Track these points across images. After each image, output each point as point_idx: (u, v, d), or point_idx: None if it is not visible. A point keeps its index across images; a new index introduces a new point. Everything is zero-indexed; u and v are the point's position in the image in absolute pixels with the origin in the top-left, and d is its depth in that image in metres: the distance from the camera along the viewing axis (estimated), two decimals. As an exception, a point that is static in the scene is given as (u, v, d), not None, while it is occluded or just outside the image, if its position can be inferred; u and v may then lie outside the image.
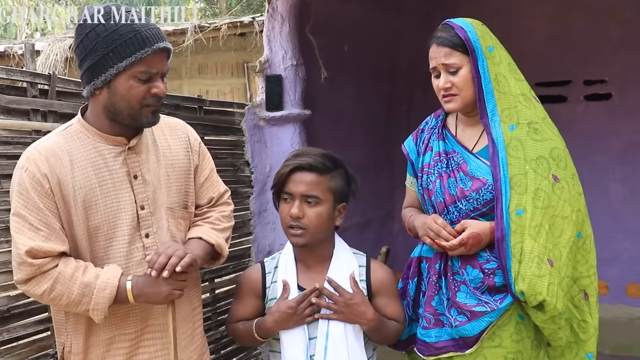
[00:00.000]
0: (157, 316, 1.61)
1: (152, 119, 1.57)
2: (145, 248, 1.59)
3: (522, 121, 1.81)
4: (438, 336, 1.85)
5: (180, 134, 1.74)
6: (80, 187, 1.52)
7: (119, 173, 1.57)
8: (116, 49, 1.46)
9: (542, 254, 1.71)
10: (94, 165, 1.54)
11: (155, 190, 1.62)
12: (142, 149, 1.62)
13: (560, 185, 1.77)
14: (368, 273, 1.89)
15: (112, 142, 1.58)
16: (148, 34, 1.48)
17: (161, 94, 1.53)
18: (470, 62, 1.79)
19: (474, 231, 1.76)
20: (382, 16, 4.25)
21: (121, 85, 1.49)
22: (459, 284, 1.83)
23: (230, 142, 2.97)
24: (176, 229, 1.66)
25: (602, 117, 4.46)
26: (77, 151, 1.54)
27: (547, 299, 1.69)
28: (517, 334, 1.80)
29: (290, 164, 1.81)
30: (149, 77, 1.51)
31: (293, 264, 1.86)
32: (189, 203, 1.73)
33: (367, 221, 4.31)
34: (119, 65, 1.47)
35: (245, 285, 1.91)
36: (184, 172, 1.70)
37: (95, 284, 1.48)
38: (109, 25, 1.47)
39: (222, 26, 6.05)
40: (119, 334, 1.58)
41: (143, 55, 1.47)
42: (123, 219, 1.57)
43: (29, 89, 2.03)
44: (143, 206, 1.60)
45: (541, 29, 4.56)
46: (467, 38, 1.78)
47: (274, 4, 3.17)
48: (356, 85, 4.08)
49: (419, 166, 1.97)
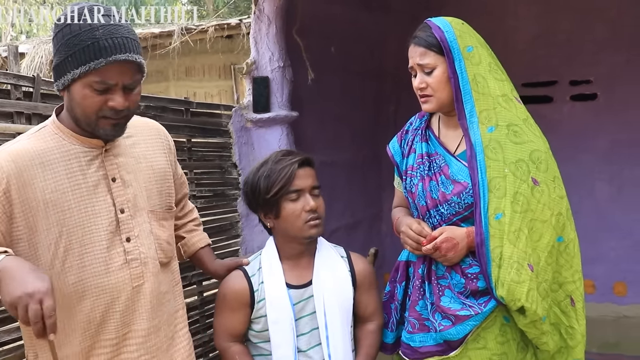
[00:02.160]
0: (140, 321, 1.57)
1: (111, 132, 1.50)
2: (127, 252, 1.53)
3: (502, 123, 1.78)
4: (422, 341, 1.85)
5: (159, 137, 1.72)
6: (51, 191, 1.46)
7: (95, 176, 1.51)
8: (74, 54, 1.41)
9: (522, 259, 1.70)
10: (67, 169, 1.48)
11: (135, 193, 1.58)
12: (121, 151, 1.58)
13: (539, 188, 1.75)
14: (351, 264, 1.94)
15: (88, 144, 1.52)
16: (108, 44, 1.40)
17: (118, 107, 1.44)
18: (446, 62, 1.77)
19: (448, 236, 1.75)
20: (370, 16, 4.26)
21: (77, 93, 1.44)
22: (443, 288, 1.82)
23: (217, 144, 2.96)
24: (160, 230, 1.64)
25: (588, 117, 4.49)
26: (50, 153, 1.48)
27: (527, 305, 1.68)
28: (502, 335, 1.80)
29: (293, 161, 1.84)
30: (106, 89, 1.43)
31: (278, 263, 1.87)
32: (172, 203, 1.72)
33: (356, 222, 4.31)
34: (74, 71, 1.41)
35: (231, 297, 1.88)
36: (163, 174, 1.68)
37: None
38: (74, 27, 1.41)
39: (209, 28, 6.03)
40: (99, 339, 1.53)
41: (97, 66, 1.39)
42: (99, 223, 1.50)
43: (12, 91, 2.00)
44: (123, 209, 1.54)
45: (527, 29, 4.58)
46: (443, 38, 1.76)
47: (261, 6, 3.17)
48: (343, 86, 4.08)
49: (404, 169, 1.96)
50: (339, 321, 1.83)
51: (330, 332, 1.81)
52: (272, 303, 1.81)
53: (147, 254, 1.58)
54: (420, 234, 1.80)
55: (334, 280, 1.87)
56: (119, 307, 1.52)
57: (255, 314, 1.85)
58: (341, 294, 1.87)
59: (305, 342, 1.84)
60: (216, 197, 2.87)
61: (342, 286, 1.89)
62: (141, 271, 1.56)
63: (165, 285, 1.65)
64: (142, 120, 1.72)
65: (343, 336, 1.84)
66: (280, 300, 1.81)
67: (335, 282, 1.87)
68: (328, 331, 1.81)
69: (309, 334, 1.85)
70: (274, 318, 1.80)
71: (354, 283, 1.91)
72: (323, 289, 1.84)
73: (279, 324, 1.80)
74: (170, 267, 1.70)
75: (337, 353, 1.82)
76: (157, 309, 1.60)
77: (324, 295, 1.84)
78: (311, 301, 1.85)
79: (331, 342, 1.81)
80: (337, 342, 1.82)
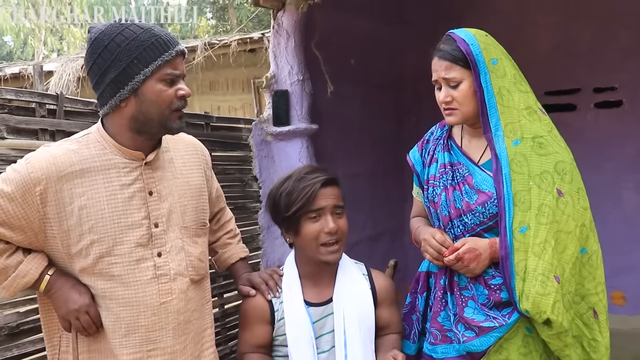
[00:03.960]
0: (166, 339, 1.57)
1: (181, 124, 1.56)
2: (157, 267, 1.54)
3: (527, 135, 1.77)
4: (445, 352, 1.83)
5: (197, 152, 1.74)
6: (88, 198, 1.49)
7: (132, 188, 1.54)
8: (140, 55, 1.46)
9: (548, 271, 1.67)
10: (105, 178, 1.51)
11: (170, 208, 1.59)
12: (160, 165, 1.60)
13: (564, 199, 1.73)
14: (372, 281, 1.91)
15: (129, 155, 1.54)
16: (167, 38, 1.50)
17: (188, 94, 1.52)
18: (472, 76, 1.75)
19: (470, 246, 1.74)
20: (389, 28, 4.28)
21: (150, 91, 1.48)
22: (466, 299, 1.80)
23: (237, 157, 2.99)
24: (192, 247, 1.64)
25: (613, 125, 4.42)
26: (91, 160, 1.51)
27: (552, 317, 1.65)
28: (525, 347, 1.77)
29: (315, 181, 1.78)
30: (173, 80, 1.50)
31: (297, 281, 1.85)
32: (206, 219, 1.73)
33: (378, 234, 4.30)
34: (146, 70, 1.46)
35: (251, 314, 1.86)
36: (198, 190, 1.70)
37: (16, 269, 1.49)
38: (127, 33, 1.46)
39: (232, 43, 6.11)
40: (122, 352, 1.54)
41: (168, 58, 1.47)
42: (131, 235, 1.52)
43: (37, 109, 2.06)
44: (157, 224, 1.56)
45: (547, 38, 4.55)
46: (469, 52, 1.74)
47: (280, 20, 3.21)
48: (364, 98, 4.09)
49: (425, 178, 1.95)
50: (359, 338, 1.80)
51: (350, 350, 1.78)
52: (291, 322, 1.80)
53: (177, 270, 1.58)
54: (443, 244, 1.78)
55: (354, 297, 1.85)
56: (144, 322, 1.53)
57: (276, 332, 1.84)
58: (362, 311, 1.85)
59: None
60: (237, 210, 2.89)
61: (363, 303, 1.86)
62: (170, 287, 1.56)
63: (194, 303, 1.64)
64: (179, 136, 1.72)
65: (364, 353, 1.81)
66: (299, 319, 1.80)
67: (356, 299, 1.85)
68: (347, 349, 1.78)
69: (329, 352, 1.82)
70: (293, 336, 1.78)
71: (374, 300, 1.89)
72: (343, 306, 1.82)
73: (299, 342, 1.78)
74: (202, 285, 1.70)
75: None
76: (184, 327, 1.60)
77: (344, 313, 1.81)
78: (331, 318, 1.82)
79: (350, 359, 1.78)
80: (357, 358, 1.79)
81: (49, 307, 1.59)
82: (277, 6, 3.22)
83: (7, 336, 1.86)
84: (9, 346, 1.86)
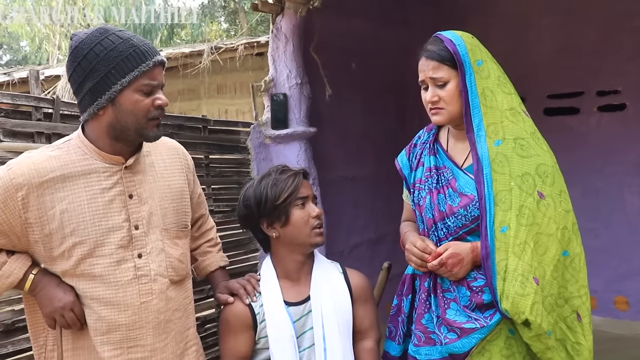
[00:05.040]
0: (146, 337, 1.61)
1: (157, 132, 1.60)
2: (137, 268, 1.58)
3: (508, 137, 1.78)
4: (428, 354, 1.84)
5: (179, 156, 1.78)
6: (69, 202, 1.53)
7: (112, 192, 1.58)
8: (118, 66, 1.49)
9: (527, 272, 1.69)
10: (86, 182, 1.55)
11: (151, 210, 1.63)
12: (140, 169, 1.63)
13: (545, 202, 1.74)
14: (347, 279, 1.96)
15: (109, 160, 1.58)
16: (146, 49, 1.52)
17: (164, 104, 1.57)
18: (458, 76, 1.78)
19: (453, 251, 1.76)
20: (391, 32, 4.31)
21: (126, 101, 1.52)
22: (449, 301, 1.82)
23: (235, 160, 3.04)
24: (172, 249, 1.68)
25: (617, 128, 4.42)
26: (72, 166, 1.56)
27: (531, 318, 1.66)
28: (507, 349, 1.78)
29: (295, 172, 1.93)
30: (151, 90, 1.54)
31: (276, 282, 1.89)
32: (187, 222, 1.76)
33: (379, 237, 4.32)
34: (123, 80, 1.50)
35: (233, 322, 1.88)
36: (180, 193, 1.73)
37: (1, 269, 1.55)
38: (106, 43, 1.49)
39: (239, 47, 6.15)
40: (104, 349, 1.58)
41: (145, 69, 1.51)
42: (111, 237, 1.56)
43: (33, 112, 2.12)
44: (137, 226, 1.60)
45: (551, 41, 4.57)
46: (456, 52, 1.77)
47: (278, 25, 3.26)
48: (365, 101, 4.12)
49: (412, 181, 1.97)
50: (337, 332, 1.84)
51: (328, 344, 1.83)
52: (272, 323, 1.83)
53: (157, 271, 1.62)
54: (425, 251, 1.80)
55: (331, 293, 1.89)
56: (124, 321, 1.57)
57: (259, 334, 1.87)
58: (339, 307, 1.89)
59: (306, 357, 1.86)
60: (234, 213, 2.93)
61: (339, 299, 1.90)
62: (150, 287, 1.60)
63: (175, 303, 1.68)
64: (162, 140, 1.76)
65: (343, 348, 1.86)
66: (280, 319, 1.83)
67: (333, 296, 1.89)
68: (326, 343, 1.82)
69: (310, 349, 1.86)
70: (275, 338, 1.82)
71: (351, 297, 1.93)
72: (321, 303, 1.86)
73: (281, 342, 1.82)
74: (183, 285, 1.73)
75: None
76: (164, 326, 1.63)
77: (322, 309, 1.86)
78: (311, 316, 1.86)
79: (329, 355, 1.82)
80: (336, 353, 1.83)
81: (35, 307, 1.63)
82: (276, 11, 3.27)
83: (2, 333, 1.92)
84: (4, 343, 1.92)
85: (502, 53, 4.47)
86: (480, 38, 4.79)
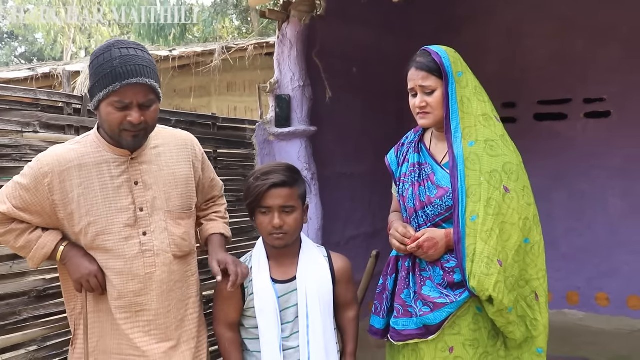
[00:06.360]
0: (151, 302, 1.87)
1: (131, 142, 1.81)
2: (142, 244, 1.85)
3: (481, 138, 2.03)
4: (405, 325, 2.06)
5: (186, 147, 2.01)
6: (84, 187, 1.81)
7: (120, 179, 1.84)
8: (99, 81, 1.73)
9: (492, 255, 1.93)
10: (98, 171, 1.83)
11: (155, 195, 1.88)
12: (146, 159, 1.89)
13: (510, 195, 1.98)
14: (331, 263, 2.20)
15: (118, 152, 1.85)
16: (122, 71, 1.71)
17: (134, 121, 1.75)
18: (443, 85, 2.03)
19: (429, 236, 2.00)
20: (392, 38, 4.50)
21: (103, 111, 1.77)
22: (425, 279, 2.06)
23: (241, 155, 3.30)
24: (175, 228, 1.92)
25: (602, 134, 4.61)
26: (88, 157, 1.84)
27: (494, 294, 1.90)
28: (475, 324, 2.02)
29: (265, 183, 2.03)
30: (125, 106, 1.75)
31: (266, 261, 2.12)
32: (192, 204, 2.01)
33: (375, 231, 4.53)
34: (100, 94, 1.74)
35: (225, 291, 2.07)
36: (185, 180, 1.97)
37: (37, 242, 1.83)
38: (100, 59, 1.74)
39: (249, 47, 6.38)
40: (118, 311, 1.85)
41: (114, 89, 1.71)
42: (119, 217, 1.83)
43: (65, 108, 2.41)
44: (142, 208, 1.86)
45: (543, 49, 4.74)
46: (442, 63, 2.02)
47: (284, 31, 3.51)
48: (364, 103, 4.33)
49: (398, 176, 2.23)
50: (318, 310, 2.08)
51: (311, 320, 2.07)
52: (259, 295, 2.07)
53: (160, 247, 1.88)
54: (405, 236, 2.05)
55: (315, 276, 2.12)
56: (132, 287, 1.85)
57: (247, 305, 2.11)
58: (321, 288, 2.12)
59: (289, 330, 2.10)
60: (239, 202, 3.17)
61: (322, 281, 2.13)
62: (153, 261, 1.87)
63: (177, 275, 1.94)
64: (171, 132, 2.03)
65: (323, 324, 2.10)
66: (266, 293, 2.07)
67: (317, 278, 2.12)
68: (309, 320, 2.07)
69: (293, 323, 2.10)
70: (260, 308, 2.06)
71: (333, 279, 2.17)
72: (305, 284, 2.10)
73: (265, 313, 2.06)
74: (186, 260, 1.99)
75: (316, 339, 2.08)
76: (167, 294, 1.90)
77: (307, 289, 2.09)
78: (295, 294, 2.10)
79: (311, 329, 2.07)
80: (317, 328, 2.08)
81: (67, 277, 1.92)
82: (282, 18, 3.52)
83: (35, 298, 2.21)
84: (37, 306, 2.21)
85: (497, 60, 4.75)
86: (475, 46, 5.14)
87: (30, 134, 2.26)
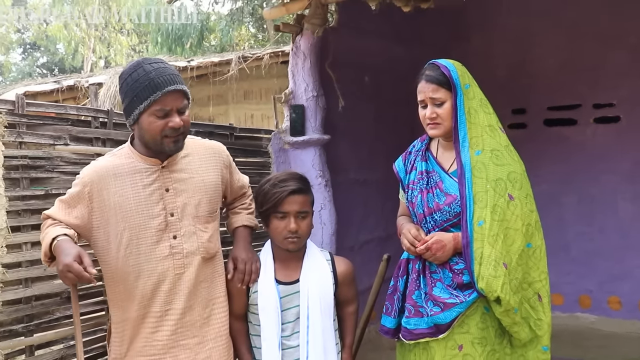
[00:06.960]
0: (179, 301, 1.99)
1: (173, 147, 1.95)
2: (172, 247, 1.97)
3: (487, 148, 2.13)
4: (417, 324, 2.16)
5: (215, 155, 2.14)
6: (119, 196, 1.95)
7: (152, 187, 1.97)
8: (138, 95, 1.86)
9: (499, 258, 2.03)
10: (132, 180, 1.97)
11: (185, 201, 2.01)
12: (177, 167, 2.02)
13: (514, 203, 2.08)
14: (333, 266, 2.31)
15: (150, 162, 1.98)
16: (160, 80, 1.86)
17: (176, 126, 1.89)
18: (452, 97, 2.13)
19: (437, 239, 2.10)
20: (404, 48, 4.56)
21: (144, 122, 1.89)
22: (435, 281, 2.15)
23: (258, 163, 3.43)
24: (203, 232, 2.05)
25: (611, 139, 4.65)
26: (122, 168, 1.97)
27: (501, 295, 2.00)
28: (483, 322, 2.11)
29: (284, 189, 2.15)
30: (166, 114, 1.88)
31: (271, 263, 2.24)
32: (217, 208, 2.14)
33: (388, 235, 4.56)
34: (140, 107, 1.87)
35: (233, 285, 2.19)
36: (214, 186, 2.10)
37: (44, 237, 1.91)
38: (134, 76, 1.89)
39: (265, 56, 6.51)
40: (149, 311, 1.98)
41: (155, 98, 1.85)
42: (152, 223, 1.96)
43: (92, 121, 2.57)
44: (172, 213, 1.98)
45: (552, 57, 4.79)
46: (451, 76, 2.12)
47: (298, 43, 3.63)
48: (376, 112, 4.41)
49: (406, 183, 2.33)
50: (319, 311, 2.19)
51: (311, 320, 2.18)
52: (262, 294, 2.17)
53: (189, 250, 2.01)
54: (416, 238, 2.16)
55: (318, 279, 2.23)
56: (164, 288, 1.98)
57: (251, 301, 2.23)
58: (323, 291, 2.23)
59: (290, 329, 2.21)
60: (256, 209, 3.34)
61: (324, 284, 2.24)
62: (182, 262, 2.00)
63: (203, 275, 2.06)
64: (201, 142, 2.16)
65: (323, 325, 2.20)
66: (269, 292, 2.18)
67: (319, 281, 2.23)
68: (309, 320, 2.18)
69: (294, 323, 2.21)
70: (262, 306, 2.16)
71: (336, 281, 2.29)
72: (308, 286, 2.21)
73: (267, 311, 2.18)
74: (213, 261, 2.11)
75: (316, 339, 2.18)
76: (193, 293, 2.02)
77: (309, 292, 2.20)
78: (297, 296, 2.21)
79: (311, 330, 2.18)
80: (317, 329, 2.18)
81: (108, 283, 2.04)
82: (296, 31, 3.65)
83: (66, 299, 2.36)
84: (68, 306, 2.35)
85: (506, 67, 4.82)
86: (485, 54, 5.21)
87: (62, 147, 2.41)
